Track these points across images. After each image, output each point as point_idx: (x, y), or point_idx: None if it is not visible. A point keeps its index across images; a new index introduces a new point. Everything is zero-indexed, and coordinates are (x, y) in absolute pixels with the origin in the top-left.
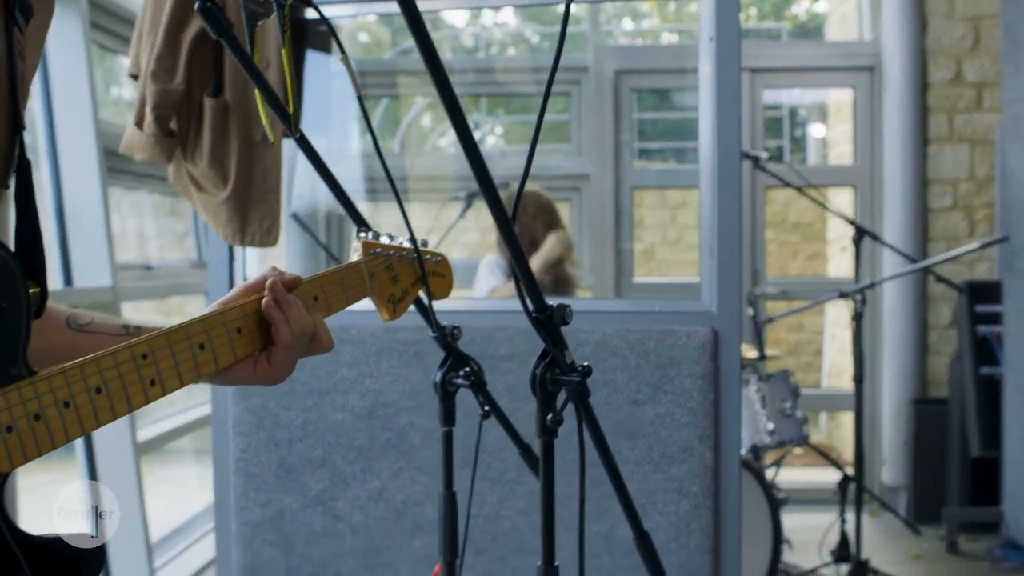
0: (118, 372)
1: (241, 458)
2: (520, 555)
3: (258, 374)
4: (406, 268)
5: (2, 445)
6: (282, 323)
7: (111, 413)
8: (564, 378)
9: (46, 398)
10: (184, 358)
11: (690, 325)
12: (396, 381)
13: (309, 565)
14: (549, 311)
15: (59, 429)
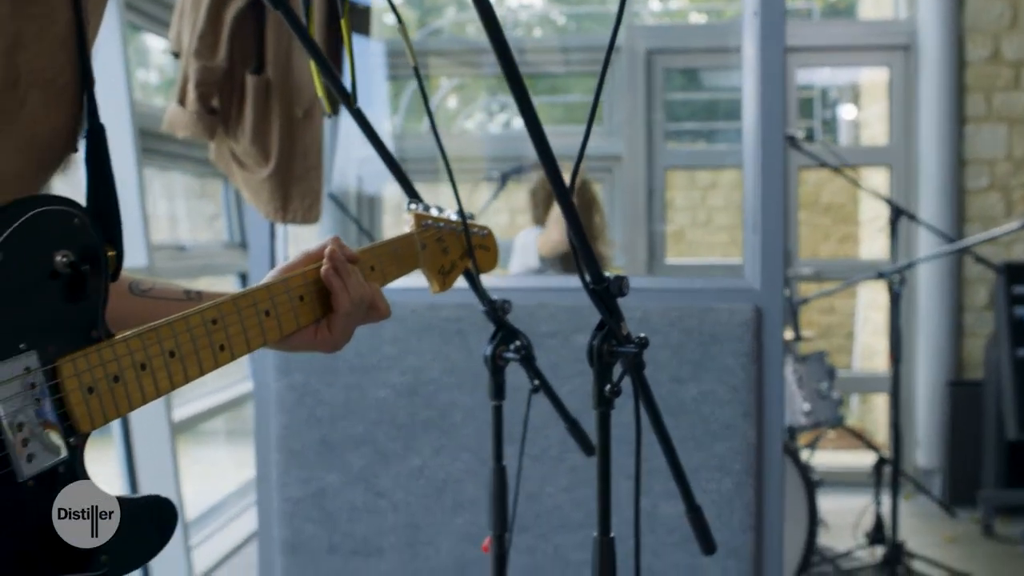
0: (191, 336)
1: (283, 435)
2: (562, 532)
3: (319, 341)
4: (455, 240)
5: (84, 406)
6: (341, 291)
7: (183, 376)
8: (621, 349)
9: (124, 360)
10: (251, 324)
11: (732, 303)
12: (437, 358)
13: (350, 542)
14: (606, 282)
15: (136, 391)
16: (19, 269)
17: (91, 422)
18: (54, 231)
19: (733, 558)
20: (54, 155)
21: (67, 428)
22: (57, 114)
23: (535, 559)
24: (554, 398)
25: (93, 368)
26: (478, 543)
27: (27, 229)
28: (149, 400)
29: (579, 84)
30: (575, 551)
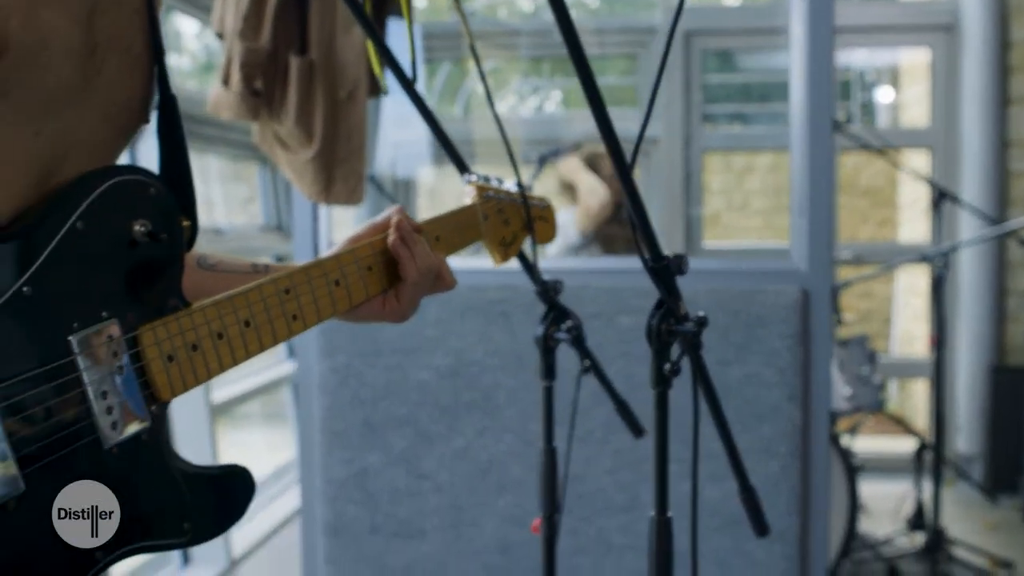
0: (264, 306)
1: (326, 416)
2: (605, 514)
3: (387, 311)
4: (515, 212)
5: (165, 374)
6: (409, 260)
7: (258, 345)
8: (680, 328)
9: (202, 329)
10: (322, 294)
11: (779, 285)
12: (480, 340)
13: (393, 523)
14: (666, 261)
15: (214, 359)
16: (99, 238)
17: (171, 390)
18: (131, 201)
19: (778, 542)
20: (129, 124)
21: (148, 396)
22: (132, 82)
23: (577, 541)
24: (604, 379)
25: (173, 336)
26: (522, 525)
27: (106, 199)
28: (226, 368)
29: (612, 66)
30: (618, 534)
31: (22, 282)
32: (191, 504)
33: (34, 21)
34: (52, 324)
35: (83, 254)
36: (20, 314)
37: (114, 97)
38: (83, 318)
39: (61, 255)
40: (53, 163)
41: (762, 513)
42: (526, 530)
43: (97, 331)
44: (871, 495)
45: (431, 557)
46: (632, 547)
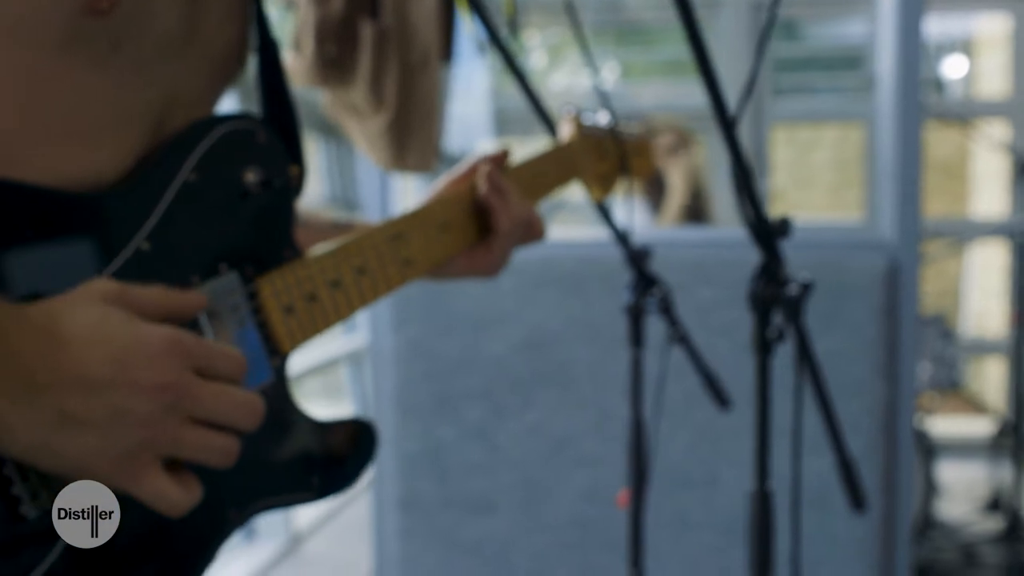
0: (377, 252)
1: (399, 390)
2: (685, 489)
3: (477, 264)
4: (612, 146)
5: (285, 326)
6: (502, 210)
7: (373, 292)
8: (783, 293)
9: (318, 279)
10: (432, 237)
11: (865, 256)
12: (556, 312)
13: (466, 497)
14: (769, 223)
15: (332, 309)
16: (213, 189)
17: (292, 341)
18: (242, 149)
19: (861, 519)
20: (229, 71)
21: (271, 349)
22: (231, 28)
23: (654, 516)
24: (692, 348)
25: (290, 287)
26: (596, 501)
27: (217, 149)
28: (343, 318)
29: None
30: (696, 510)
31: (140, 238)
32: (317, 457)
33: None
34: (172, 279)
35: (198, 206)
36: (140, 271)
37: (215, 44)
38: (203, 272)
39: (177, 209)
40: (162, 115)
41: (859, 486)
42: (601, 506)
43: (218, 284)
44: (946, 477)
45: (504, 532)
46: (709, 524)
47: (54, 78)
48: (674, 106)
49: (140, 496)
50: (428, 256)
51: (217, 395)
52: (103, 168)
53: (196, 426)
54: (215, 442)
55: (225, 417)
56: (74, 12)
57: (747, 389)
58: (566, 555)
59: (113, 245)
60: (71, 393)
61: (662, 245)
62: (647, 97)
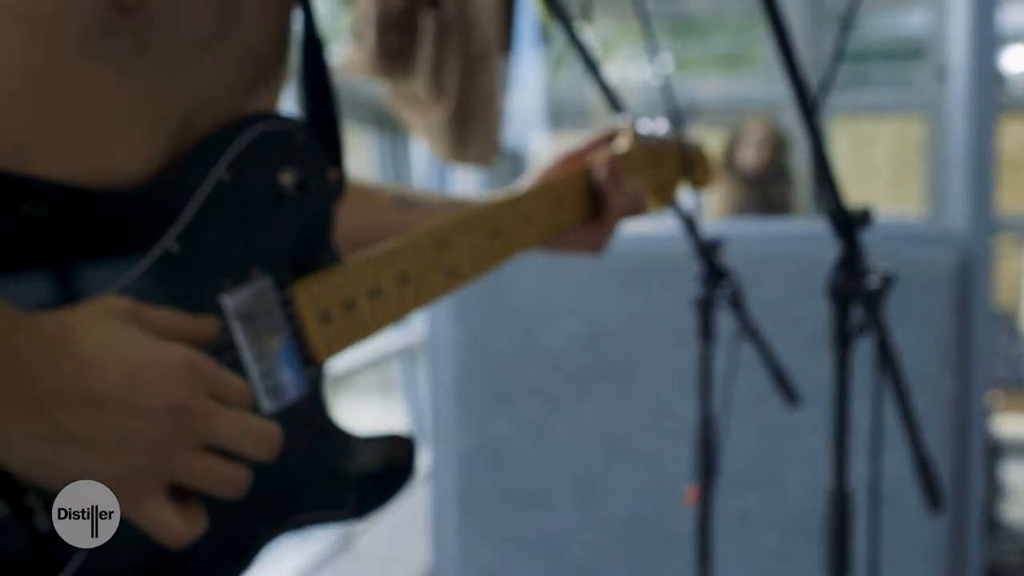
0: (421, 259)
1: (457, 384)
2: (747, 488)
3: (586, 242)
4: (668, 155)
5: (320, 335)
6: (618, 196)
7: (415, 302)
8: (863, 285)
9: (357, 286)
10: (479, 244)
11: (935, 250)
12: (616, 305)
13: (523, 491)
14: (849, 213)
15: (371, 318)
16: (247, 191)
17: (328, 351)
18: (278, 150)
19: (930, 518)
20: (267, 70)
21: (306, 358)
22: (270, 27)
23: (715, 514)
24: (761, 342)
25: (327, 294)
26: (655, 496)
27: (252, 149)
28: (382, 327)
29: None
30: (758, 510)
31: (169, 240)
32: (353, 473)
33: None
34: (203, 283)
35: (231, 208)
36: (170, 273)
37: (251, 43)
38: (234, 275)
39: (209, 210)
40: (192, 115)
41: (937, 484)
42: (658, 501)
43: (249, 289)
44: (1012, 479)
45: (561, 527)
46: (772, 523)
47: (76, 76)
48: (730, 99)
49: (139, 523)
50: (474, 265)
51: (231, 421)
52: (129, 167)
53: (206, 453)
54: (225, 471)
55: (238, 445)
56: (99, 9)
57: (812, 385)
58: (623, 551)
59: (140, 245)
60: (76, 410)
61: (727, 237)
62: (702, 90)
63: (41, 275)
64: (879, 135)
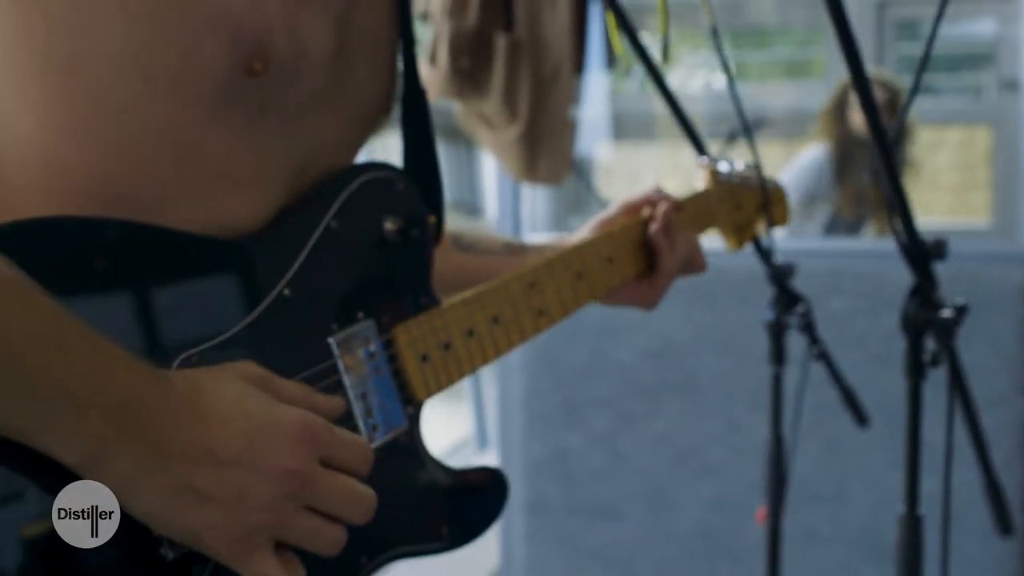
0: (511, 302)
1: (526, 396)
2: (813, 504)
3: (638, 296)
4: (747, 195)
5: (420, 374)
6: (668, 252)
7: (508, 342)
8: (937, 317)
9: (453, 327)
10: (565, 286)
11: (1006, 267)
12: (685, 321)
13: (592, 504)
14: (924, 244)
15: (466, 358)
16: (352, 237)
17: (427, 390)
18: (381, 198)
19: (1000, 541)
20: (374, 121)
21: (405, 397)
22: (379, 80)
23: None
24: (832, 366)
25: (426, 336)
26: (723, 511)
27: (357, 197)
28: (477, 367)
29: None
30: (825, 525)
31: (283, 285)
32: (448, 507)
33: (295, 32)
34: (312, 326)
35: (338, 254)
36: (281, 317)
37: (361, 96)
38: (341, 319)
39: (317, 256)
40: (304, 166)
41: (1007, 510)
42: (727, 516)
43: (355, 332)
44: None
45: (630, 539)
46: (839, 539)
47: (206, 132)
48: (794, 109)
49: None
50: (561, 306)
51: (337, 488)
52: (246, 216)
53: (311, 514)
54: (327, 533)
55: (340, 511)
56: (229, 72)
57: (879, 401)
58: (691, 564)
59: (257, 291)
60: (201, 467)
61: (794, 255)
62: (764, 98)
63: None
64: (944, 142)
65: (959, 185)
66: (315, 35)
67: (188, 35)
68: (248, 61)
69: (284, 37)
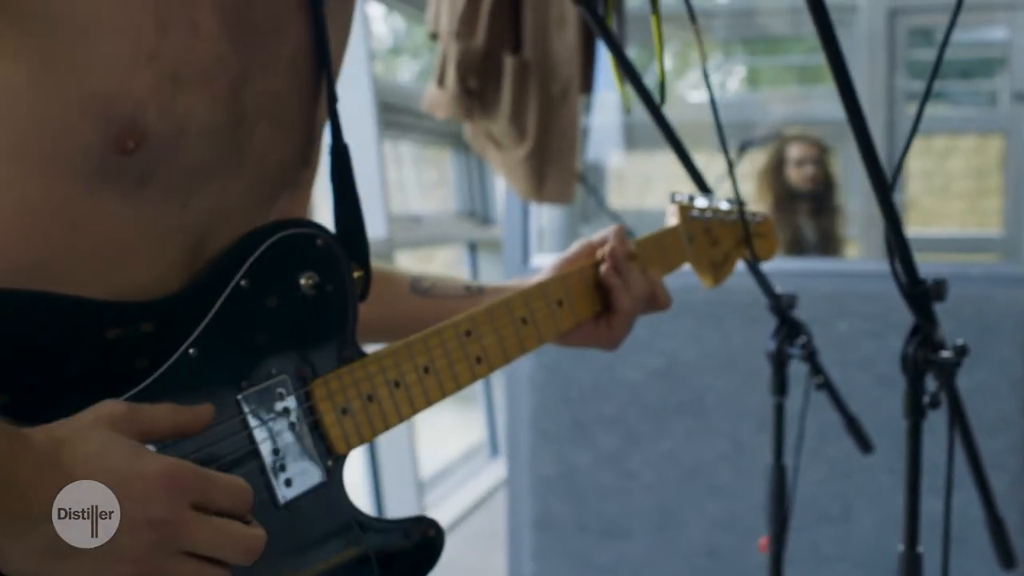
0: (444, 350)
1: (534, 413)
2: (820, 525)
3: (598, 337)
4: (726, 230)
5: (339, 427)
6: (621, 290)
7: (440, 392)
8: (937, 358)
9: (377, 379)
10: (507, 333)
11: (1012, 290)
12: (691, 342)
13: (599, 522)
14: (924, 285)
15: (391, 410)
16: (265, 295)
17: (347, 443)
18: (298, 254)
19: None
20: (284, 180)
21: (323, 451)
22: (287, 141)
23: (788, 549)
24: (835, 395)
25: (346, 388)
26: (730, 530)
27: (271, 255)
28: (405, 418)
29: (798, 45)
30: (831, 545)
31: (187, 344)
32: (373, 560)
33: (171, 110)
34: (220, 385)
35: (250, 312)
36: (187, 377)
37: (266, 160)
38: (252, 376)
39: (227, 315)
40: (204, 230)
41: (1008, 544)
42: (734, 535)
43: (267, 388)
44: None
45: (637, 557)
46: (845, 559)
47: (84, 207)
48: (807, 118)
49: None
50: (502, 353)
51: (213, 532)
52: (152, 282)
53: (188, 559)
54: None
55: (220, 553)
56: (101, 151)
57: (883, 422)
58: None
59: (160, 351)
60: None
61: (798, 277)
62: (777, 106)
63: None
64: (956, 149)
65: (971, 192)
66: (196, 110)
67: (60, 116)
68: (120, 140)
69: (158, 116)
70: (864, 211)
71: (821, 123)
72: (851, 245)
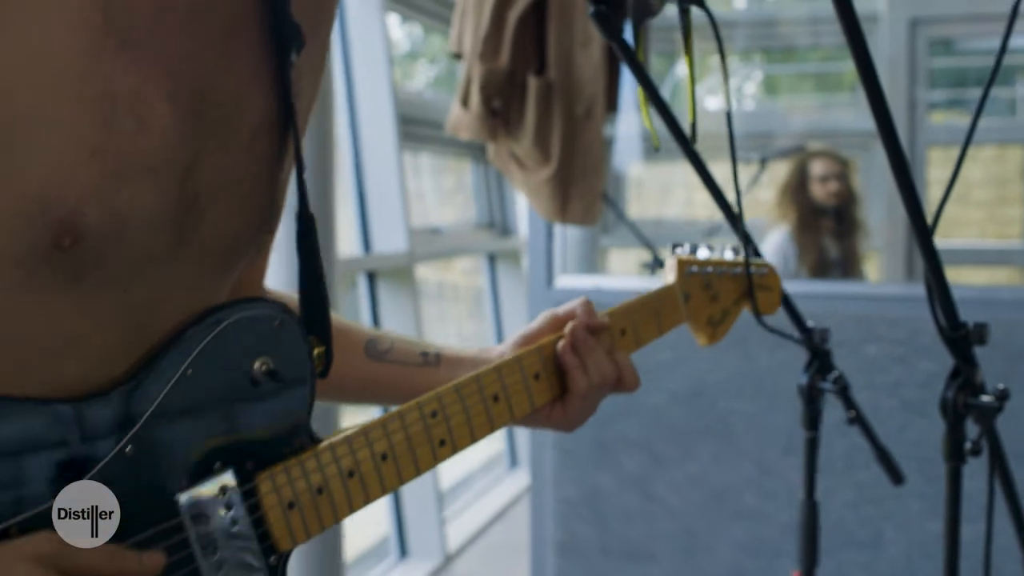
0: (406, 435)
1: (558, 436)
2: (847, 549)
3: (552, 419)
4: (727, 284)
5: (284, 523)
6: (577, 370)
7: (397, 480)
8: (978, 402)
9: (330, 469)
10: (477, 411)
11: None
12: (717, 365)
13: (623, 545)
14: (965, 329)
15: (343, 501)
16: (213, 384)
17: (292, 540)
18: (252, 337)
19: None
20: (239, 251)
21: (267, 548)
22: (243, 216)
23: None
24: (867, 429)
25: (295, 481)
26: (756, 554)
27: (222, 340)
28: (356, 510)
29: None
30: (859, 570)
31: (124, 443)
32: None
33: (113, 205)
34: (158, 484)
35: (195, 403)
36: (122, 476)
37: (219, 238)
38: (194, 473)
39: (169, 408)
40: (147, 314)
41: None
42: (760, 559)
43: (208, 486)
44: None
45: None
46: None
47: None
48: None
49: None
50: (470, 433)
51: None
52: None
53: None
54: None
55: None
56: (35, 248)
57: (913, 448)
58: None
59: (94, 451)
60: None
61: (826, 299)
62: (796, 116)
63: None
64: (974, 157)
65: (991, 200)
66: (141, 203)
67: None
68: (56, 237)
69: (98, 212)
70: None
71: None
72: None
